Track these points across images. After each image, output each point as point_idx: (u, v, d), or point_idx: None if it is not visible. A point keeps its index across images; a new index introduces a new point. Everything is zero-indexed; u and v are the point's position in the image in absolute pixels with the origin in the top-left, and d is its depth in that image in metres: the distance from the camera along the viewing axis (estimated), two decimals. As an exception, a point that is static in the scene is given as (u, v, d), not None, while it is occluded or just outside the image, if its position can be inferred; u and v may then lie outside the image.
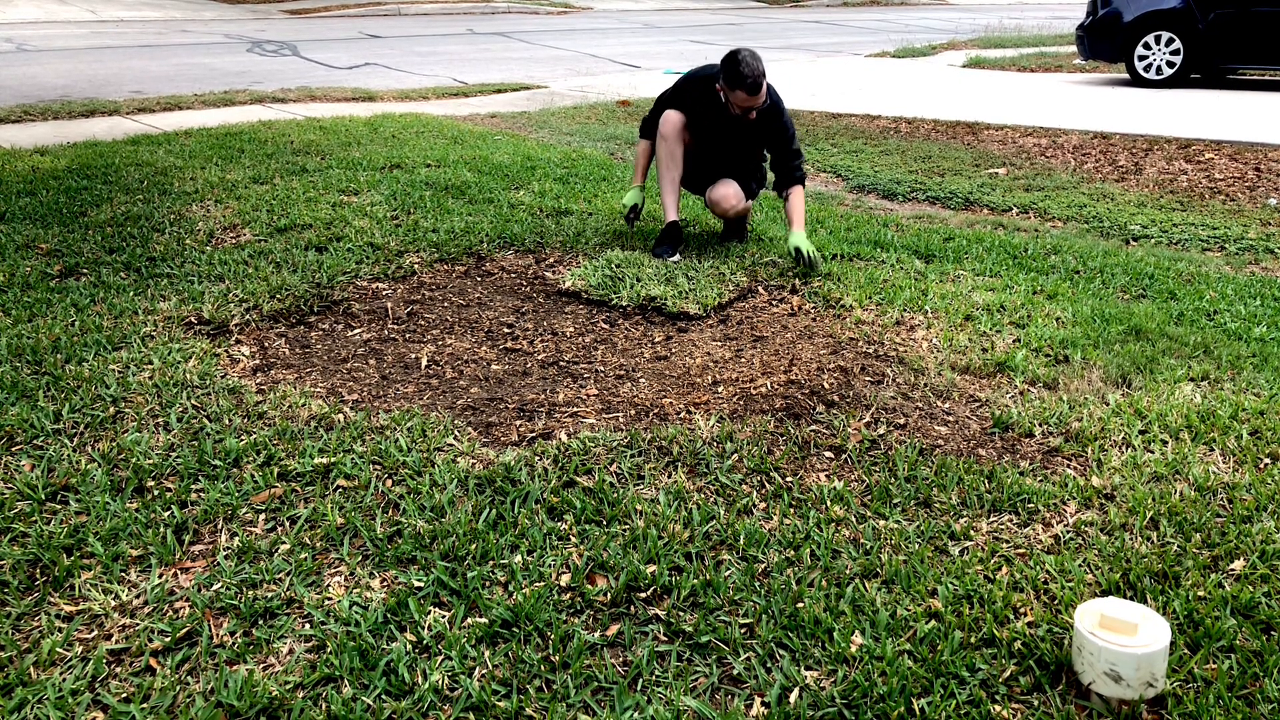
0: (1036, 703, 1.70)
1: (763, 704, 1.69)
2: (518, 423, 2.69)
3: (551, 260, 4.14)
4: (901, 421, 2.72)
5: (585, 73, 11.60)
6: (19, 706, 1.65)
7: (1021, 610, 1.93)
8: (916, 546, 2.12)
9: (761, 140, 4.13)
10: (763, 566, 2.06)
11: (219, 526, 2.18)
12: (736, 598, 1.95)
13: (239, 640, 1.82)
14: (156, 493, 2.28)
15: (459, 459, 2.45)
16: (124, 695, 1.69)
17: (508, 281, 3.90)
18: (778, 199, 4.27)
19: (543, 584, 1.97)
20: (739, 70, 3.72)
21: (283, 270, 3.81)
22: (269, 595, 1.94)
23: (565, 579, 2.00)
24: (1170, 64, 10.10)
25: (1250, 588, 1.99)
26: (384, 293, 3.72)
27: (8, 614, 1.88)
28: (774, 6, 25.72)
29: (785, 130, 4.06)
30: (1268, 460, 2.52)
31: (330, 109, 8.20)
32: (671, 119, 4.09)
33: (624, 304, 3.60)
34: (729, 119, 3.95)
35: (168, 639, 1.81)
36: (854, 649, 1.80)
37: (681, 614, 1.90)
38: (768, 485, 2.37)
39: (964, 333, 3.36)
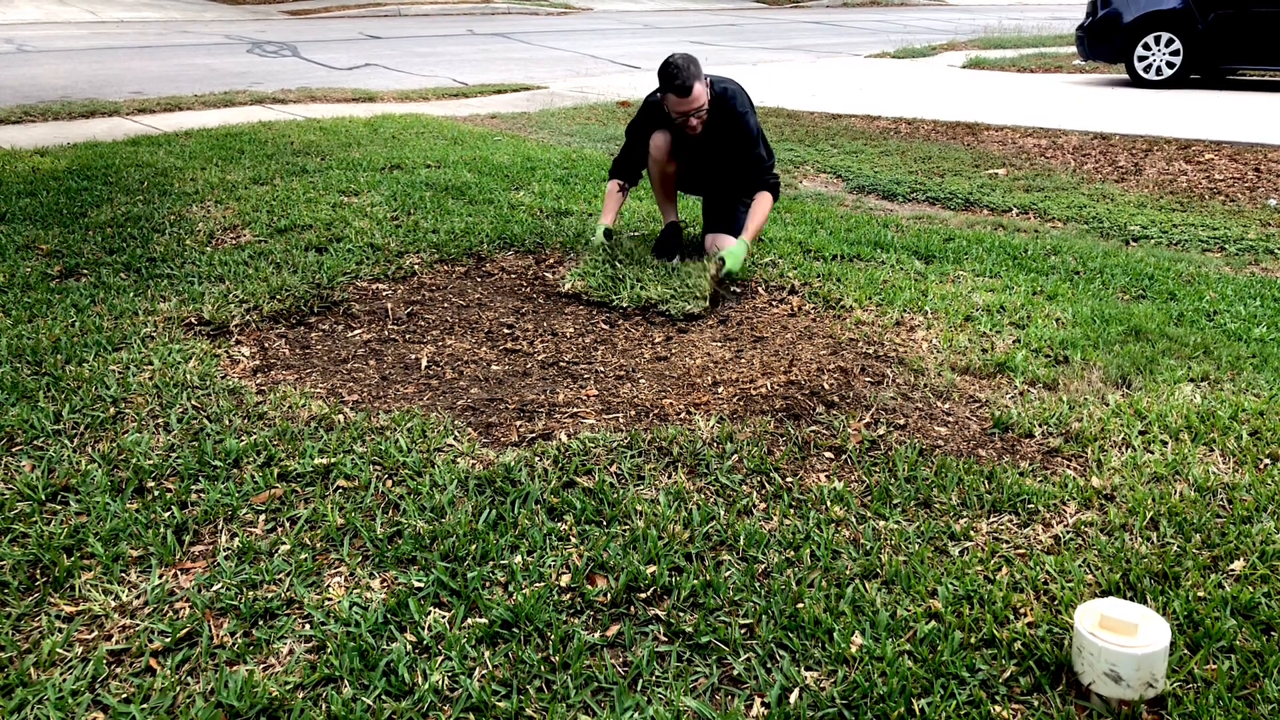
0: (1036, 703, 1.70)
1: (763, 704, 1.69)
2: (518, 423, 2.69)
3: (551, 260, 4.14)
4: (901, 422, 2.72)
5: (585, 73, 11.61)
6: (19, 707, 1.65)
7: (1021, 611, 1.92)
8: (916, 547, 2.12)
9: (730, 146, 3.92)
10: (763, 567, 2.06)
11: (219, 527, 2.18)
12: (736, 598, 1.95)
13: (239, 640, 1.82)
14: (156, 493, 2.28)
15: (459, 459, 2.45)
16: (124, 695, 1.69)
17: (508, 282, 3.90)
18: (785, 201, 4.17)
19: (543, 584, 1.97)
20: (667, 72, 3.59)
21: (283, 271, 3.81)
22: (269, 595, 1.94)
23: (565, 579, 1.99)
24: (1170, 65, 10.10)
25: (1250, 588, 1.99)
26: (384, 293, 3.73)
27: (8, 614, 1.88)
28: (774, 7, 25.72)
29: (747, 134, 3.85)
30: (1268, 460, 2.52)
31: (330, 110, 8.20)
32: (658, 143, 3.94)
33: (624, 305, 3.59)
34: (698, 133, 3.78)
35: (168, 639, 1.81)
36: (854, 649, 1.80)
37: (681, 614, 1.90)
38: (768, 486, 2.37)
39: (964, 333, 3.36)
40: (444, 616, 1.89)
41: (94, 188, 5.02)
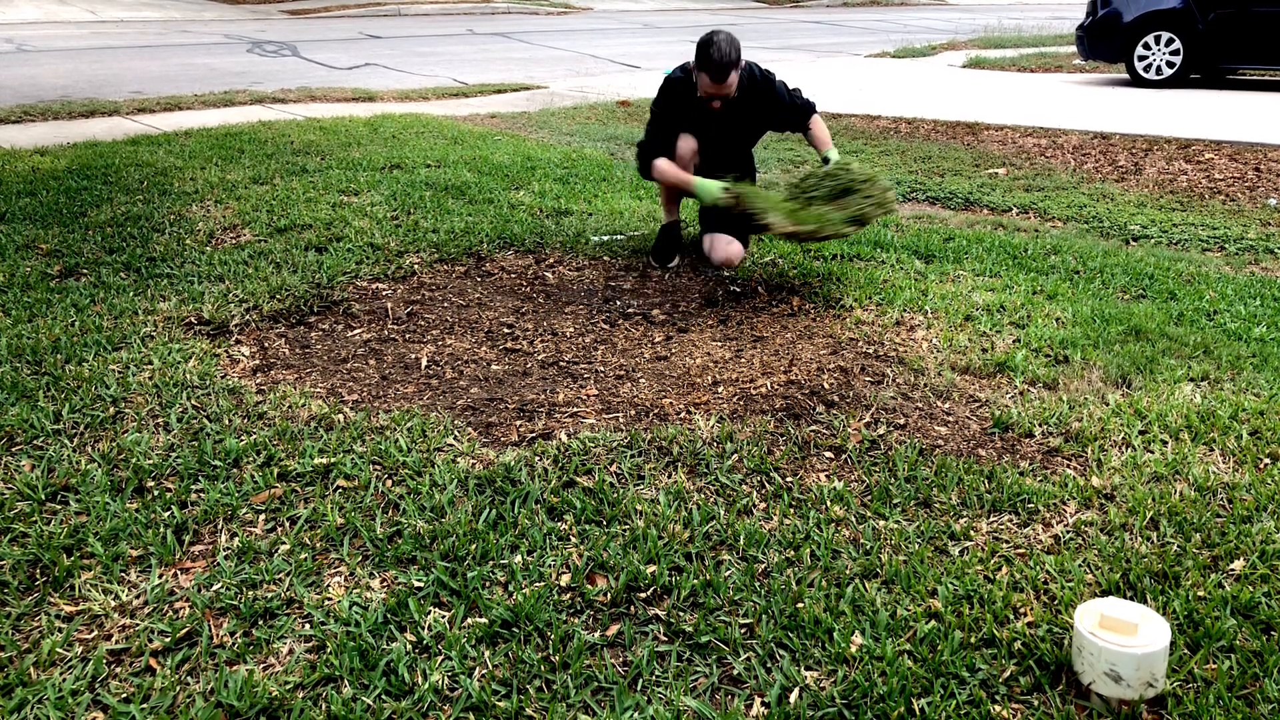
0: (1036, 703, 1.70)
1: (763, 704, 1.69)
2: (518, 423, 2.69)
3: (551, 260, 4.14)
4: (901, 422, 2.72)
5: (585, 73, 11.61)
6: (19, 706, 1.65)
7: (1021, 610, 1.92)
8: (916, 546, 2.12)
9: (762, 122, 4.02)
10: (763, 566, 2.06)
11: (219, 527, 2.18)
12: (736, 598, 1.95)
13: (239, 640, 1.82)
14: (156, 493, 2.28)
15: (459, 459, 2.45)
16: (124, 695, 1.69)
17: (508, 282, 3.91)
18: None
19: (543, 584, 1.97)
20: (708, 52, 3.57)
21: (283, 270, 3.81)
22: (269, 595, 1.94)
23: (565, 579, 1.99)
24: (1170, 64, 10.10)
25: (1250, 588, 1.99)
26: (384, 293, 3.73)
27: (8, 614, 1.88)
28: (774, 6, 25.72)
29: (780, 98, 3.93)
30: (1268, 460, 2.52)
31: (330, 109, 8.20)
32: (683, 150, 3.91)
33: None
34: (723, 111, 3.78)
35: (168, 639, 1.81)
36: (854, 649, 1.80)
37: (681, 614, 1.90)
38: (768, 485, 2.37)
39: (964, 333, 3.36)
40: (444, 616, 1.89)
41: (94, 187, 5.02)
